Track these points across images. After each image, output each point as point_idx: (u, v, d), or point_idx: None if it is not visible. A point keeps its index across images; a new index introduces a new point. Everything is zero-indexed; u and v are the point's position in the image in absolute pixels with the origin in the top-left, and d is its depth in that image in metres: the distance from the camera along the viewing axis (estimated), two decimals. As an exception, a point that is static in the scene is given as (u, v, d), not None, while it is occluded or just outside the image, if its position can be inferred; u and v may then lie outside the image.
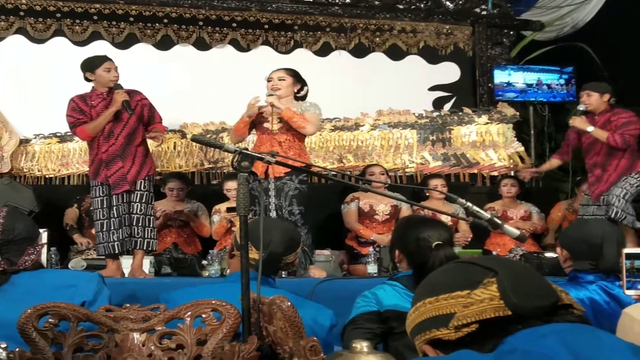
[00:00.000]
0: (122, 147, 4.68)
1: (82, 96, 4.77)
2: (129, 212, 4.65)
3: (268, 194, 4.70)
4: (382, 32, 7.80)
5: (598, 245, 2.69)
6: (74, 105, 4.73)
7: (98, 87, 4.75)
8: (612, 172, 5.25)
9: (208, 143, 2.54)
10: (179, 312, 2.00)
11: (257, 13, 7.45)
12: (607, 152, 5.27)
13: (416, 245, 2.52)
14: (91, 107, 4.71)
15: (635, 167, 5.25)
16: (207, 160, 6.96)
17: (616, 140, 5.14)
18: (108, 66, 4.71)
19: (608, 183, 5.27)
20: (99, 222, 4.64)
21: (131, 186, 4.65)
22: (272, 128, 4.79)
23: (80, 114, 4.70)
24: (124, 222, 4.61)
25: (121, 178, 4.64)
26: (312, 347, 1.68)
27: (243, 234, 2.00)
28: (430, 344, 1.19)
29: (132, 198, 4.65)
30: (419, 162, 7.20)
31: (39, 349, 1.92)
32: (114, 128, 4.68)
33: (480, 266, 1.21)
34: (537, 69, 7.95)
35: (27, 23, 7.03)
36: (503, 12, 8.07)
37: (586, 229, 2.82)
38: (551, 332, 1.09)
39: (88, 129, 4.67)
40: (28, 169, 6.79)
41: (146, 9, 7.23)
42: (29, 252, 2.54)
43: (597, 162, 5.34)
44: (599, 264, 2.69)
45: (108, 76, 4.69)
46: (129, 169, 4.66)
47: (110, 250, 4.60)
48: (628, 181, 5.22)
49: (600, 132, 5.23)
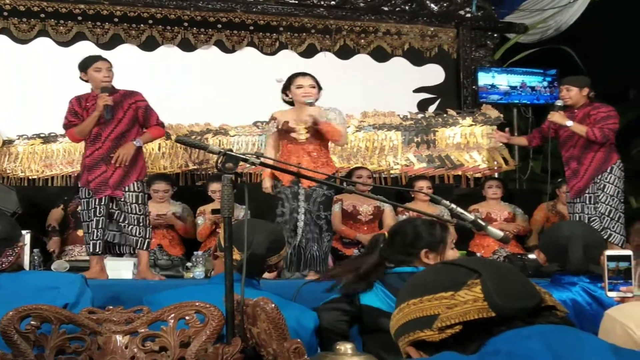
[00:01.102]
0: (108, 150, 4.57)
1: (79, 97, 4.68)
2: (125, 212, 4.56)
3: (297, 198, 4.72)
4: (367, 34, 7.82)
5: (564, 247, 2.72)
6: (70, 107, 4.66)
7: (94, 89, 4.63)
8: (588, 166, 5.26)
9: (192, 144, 2.54)
10: (162, 314, 2.00)
11: (242, 14, 7.44)
12: (584, 145, 5.27)
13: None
14: (84, 109, 4.62)
15: (610, 160, 5.26)
16: (191, 162, 6.94)
17: (595, 135, 5.16)
18: (99, 66, 4.59)
19: (585, 179, 5.27)
20: (85, 224, 4.60)
21: (113, 191, 4.55)
22: (300, 138, 4.76)
23: (73, 117, 4.63)
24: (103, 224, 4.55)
25: (102, 183, 4.55)
26: (296, 349, 1.68)
27: (227, 236, 2.00)
28: (414, 346, 1.19)
29: (125, 199, 4.55)
30: (403, 164, 7.21)
31: (21, 351, 1.91)
32: (102, 131, 4.57)
33: (464, 267, 1.21)
34: (521, 72, 7.99)
35: (11, 23, 6.98)
36: (487, 14, 8.12)
37: (555, 231, 2.87)
38: (534, 333, 1.09)
39: (76, 132, 4.61)
40: (11, 170, 6.74)
41: (131, 10, 7.20)
42: (7, 254, 2.50)
43: (574, 154, 5.34)
44: (566, 266, 2.73)
45: (98, 76, 4.57)
46: (112, 174, 4.56)
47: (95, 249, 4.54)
48: (606, 192, 5.21)
49: (579, 126, 5.23)
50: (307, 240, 4.69)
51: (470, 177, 7.29)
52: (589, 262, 2.70)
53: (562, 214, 6.33)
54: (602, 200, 5.21)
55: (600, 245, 2.81)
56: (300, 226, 4.69)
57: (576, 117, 5.30)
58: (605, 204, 5.20)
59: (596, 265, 2.66)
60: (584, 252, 2.69)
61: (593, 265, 2.68)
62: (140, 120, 4.70)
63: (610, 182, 5.23)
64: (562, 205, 6.39)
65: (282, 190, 4.73)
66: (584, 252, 2.70)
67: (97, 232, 4.54)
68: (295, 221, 4.70)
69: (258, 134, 7.12)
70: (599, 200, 5.22)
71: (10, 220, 2.69)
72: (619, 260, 2.15)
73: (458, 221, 2.29)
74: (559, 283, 2.75)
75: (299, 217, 4.69)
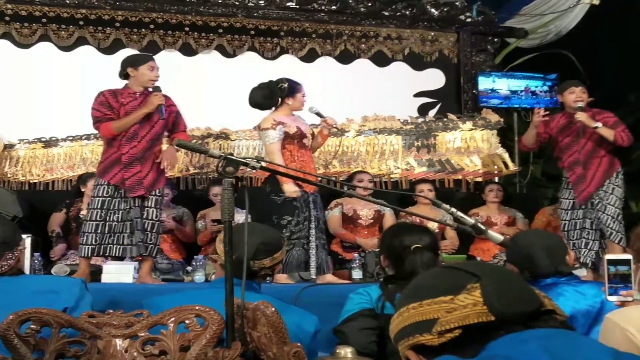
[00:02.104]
0: (143, 150, 4.52)
1: (113, 91, 4.58)
2: (142, 217, 4.51)
3: (308, 206, 4.79)
4: (367, 39, 7.83)
5: (528, 255, 2.79)
6: (102, 99, 4.53)
7: (133, 86, 4.58)
8: (596, 171, 5.20)
9: (193, 148, 2.54)
10: (162, 318, 1.99)
11: (244, 19, 7.45)
12: (591, 149, 5.21)
13: (397, 248, 2.62)
14: (121, 105, 4.53)
15: (614, 165, 5.23)
16: (192, 166, 6.93)
17: (623, 138, 5.10)
18: (153, 65, 4.59)
19: (594, 184, 5.20)
20: (93, 223, 4.48)
21: (146, 192, 4.51)
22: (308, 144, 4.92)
23: (108, 110, 4.51)
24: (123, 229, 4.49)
25: (137, 182, 4.48)
26: (296, 352, 1.68)
27: (227, 240, 2.00)
28: (414, 350, 1.19)
29: (145, 203, 4.52)
30: (404, 168, 7.21)
31: (21, 355, 1.91)
32: (139, 130, 4.52)
33: (464, 271, 1.21)
34: (521, 76, 8.00)
35: (13, 28, 6.99)
36: (487, 19, 8.12)
37: (515, 243, 2.93)
38: (533, 337, 1.09)
39: (113, 126, 4.48)
40: (12, 174, 6.74)
41: (132, 15, 7.21)
42: (7, 257, 2.50)
43: (579, 160, 5.24)
44: (535, 272, 2.77)
45: (150, 75, 4.55)
46: (147, 174, 4.52)
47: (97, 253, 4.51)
48: (615, 194, 5.20)
49: (607, 130, 5.12)
50: (316, 247, 4.75)
51: (470, 181, 7.29)
52: (556, 263, 2.77)
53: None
54: (611, 203, 5.16)
55: (561, 246, 2.91)
56: (313, 233, 4.74)
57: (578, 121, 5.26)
58: (613, 207, 5.16)
59: (563, 265, 2.78)
60: (547, 255, 2.76)
61: (561, 265, 2.78)
62: (170, 124, 4.68)
63: (619, 186, 5.21)
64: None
65: (297, 198, 4.75)
66: (548, 254, 2.77)
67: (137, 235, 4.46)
68: (307, 229, 4.76)
69: (259, 138, 7.12)
70: (608, 203, 5.16)
71: (10, 224, 2.70)
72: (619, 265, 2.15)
73: (458, 225, 2.29)
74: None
75: (311, 225, 4.77)
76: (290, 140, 4.85)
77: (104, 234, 4.48)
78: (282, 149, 4.81)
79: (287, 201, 4.72)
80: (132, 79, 4.60)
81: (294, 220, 4.70)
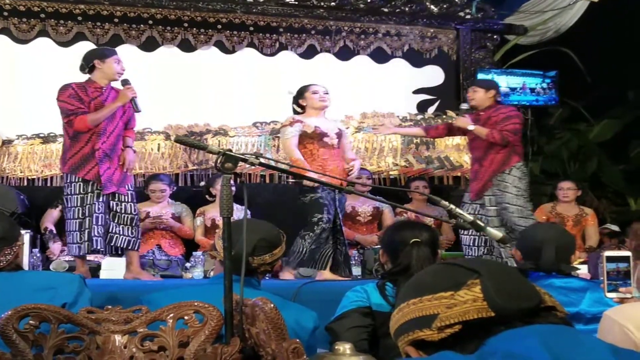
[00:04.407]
0: (112, 146, 4.53)
1: (80, 84, 4.55)
2: (119, 212, 4.51)
3: (334, 205, 4.85)
4: (366, 35, 7.82)
5: (538, 248, 2.89)
6: (72, 92, 4.49)
7: (98, 80, 4.56)
8: (488, 168, 5.25)
9: (192, 144, 2.53)
10: (161, 314, 1.99)
11: (243, 15, 7.44)
12: (486, 147, 5.26)
13: (396, 243, 2.65)
14: (91, 98, 4.51)
15: (510, 162, 5.23)
16: (191, 162, 6.94)
17: (495, 137, 5.15)
18: (118, 58, 4.58)
19: (483, 180, 5.26)
20: (75, 221, 4.46)
21: (117, 188, 4.53)
22: (332, 142, 4.93)
23: (79, 102, 4.47)
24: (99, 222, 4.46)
25: (109, 178, 4.49)
26: (295, 349, 1.68)
27: (226, 236, 2.00)
28: (414, 345, 1.20)
29: (121, 198, 4.53)
30: (403, 165, 7.22)
31: (19, 350, 1.91)
32: (107, 125, 4.51)
33: (463, 267, 1.21)
34: (520, 73, 7.98)
35: (11, 23, 6.97)
36: (487, 16, 8.11)
37: (532, 232, 3.13)
38: (533, 333, 1.09)
39: (89, 119, 4.44)
40: (10, 170, 6.73)
41: (131, 10, 7.20)
42: (5, 253, 2.50)
43: (477, 156, 5.36)
44: (539, 264, 2.89)
45: (117, 68, 4.54)
46: (114, 171, 4.53)
47: (86, 250, 4.49)
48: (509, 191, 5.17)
49: (481, 129, 5.23)
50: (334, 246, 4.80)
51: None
52: (560, 262, 2.89)
53: (562, 215, 6.34)
54: (506, 201, 5.18)
55: (571, 247, 3.03)
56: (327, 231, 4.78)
57: (481, 119, 5.31)
58: (511, 205, 5.17)
59: (566, 265, 2.90)
60: (555, 253, 2.87)
61: (563, 265, 2.90)
62: (127, 119, 4.69)
63: (509, 182, 5.21)
64: (561, 207, 6.40)
65: (324, 196, 4.79)
66: (556, 253, 2.87)
67: (96, 229, 4.44)
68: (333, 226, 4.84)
69: (257, 135, 7.12)
70: (502, 201, 5.20)
71: (9, 220, 2.70)
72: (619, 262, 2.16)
73: (457, 222, 2.29)
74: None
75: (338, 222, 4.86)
76: (310, 140, 4.88)
77: (86, 229, 4.45)
78: (303, 148, 4.86)
79: (313, 200, 4.75)
80: (97, 72, 4.57)
81: (324, 217, 4.73)
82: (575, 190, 6.40)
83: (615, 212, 7.80)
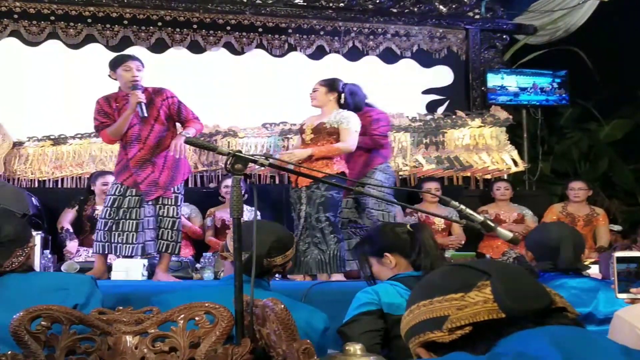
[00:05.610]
0: (151, 151, 4.47)
1: (106, 97, 4.56)
2: (161, 215, 4.48)
3: (301, 202, 4.75)
4: (375, 36, 7.82)
5: (556, 248, 2.90)
6: (98, 107, 4.52)
7: (122, 88, 4.53)
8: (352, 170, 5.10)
9: (202, 145, 2.53)
10: (172, 315, 2.00)
11: (251, 16, 7.46)
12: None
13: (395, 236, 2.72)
14: (115, 110, 4.50)
15: (369, 165, 5.21)
16: (200, 163, 6.95)
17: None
18: (129, 65, 4.48)
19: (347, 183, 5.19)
20: (103, 221, 4.46)
21: (164, 192, 4.47)
22: (306, 140, 4.87)
23: (104, 117, 4.49)
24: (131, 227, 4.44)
25: (153, 184, 4.44)
26: (306, 349, 1.68)
27: (236, 237, 2.00)
28: (424, 347, 1.20)
29: (163, 201, 4.48)
30: (412, 165, 7.20)
31: (32, 351, 1.92)
32: (141, 132, 4.46)
33: (474, 269, 1.21)
34: (530, 73, 7.97)
35: (21, 26, 7.02)
36: (496, 16, 8.10)
37: (546, 232, 3.08)
38: (544, 334, 1.09)
39: (109, 132, 4.46)
40: (21, 172, 6.77)
41: (140, 12, 7.23)
42: (17, 254, 2.51)
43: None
44: (557, 264, 2.89)
45: (126, 76, 4.45)
46: (160, 175, 4.47)
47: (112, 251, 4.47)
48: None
49: None
50: (307, 245, 4.71)
51: (479, 178, 7.28)
52: (577, 260, 2.92)
53: (573, 215, 6.32)
54: (369, 206, 5.12)
55: (583, 245, 3.06)
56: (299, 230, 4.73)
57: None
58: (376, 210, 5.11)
59: (581, 264, 2.94)
60: (573, 251, 2.89)
61: (580, 263, 2.93)
62: (174, 117, 4.58)
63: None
64: (572, 207, 6.38)
65: (290, 194, 4.79)
66: (574, 251, 2.89)
67: (146, 233, 4.43)
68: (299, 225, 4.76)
69: (267, 136, 7.13)
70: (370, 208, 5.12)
71: (20, 221, 2.70)
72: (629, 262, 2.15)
73: (467, 222, 2.28)
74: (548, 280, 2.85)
75: (300, 222, 4.75)
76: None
77: (111, 231, 4.47)
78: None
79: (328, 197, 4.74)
80: (119, 82, 4.56)
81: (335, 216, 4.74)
82: (586, 190, 6.37)
83: (626, 211, 7.78)
